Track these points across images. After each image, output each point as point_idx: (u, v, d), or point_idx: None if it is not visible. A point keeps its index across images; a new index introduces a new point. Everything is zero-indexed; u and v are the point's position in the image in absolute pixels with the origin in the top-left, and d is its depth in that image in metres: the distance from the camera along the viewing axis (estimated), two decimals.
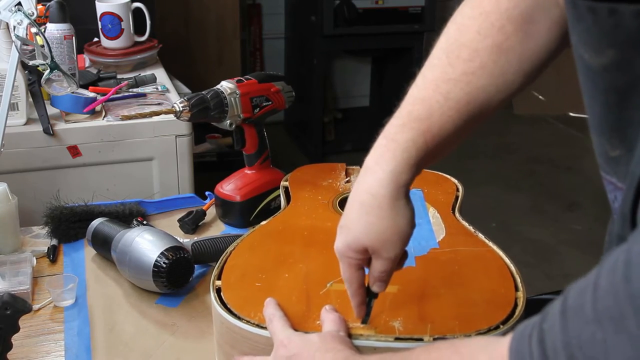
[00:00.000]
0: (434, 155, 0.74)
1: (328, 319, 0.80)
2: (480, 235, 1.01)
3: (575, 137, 4.03)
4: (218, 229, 1.24)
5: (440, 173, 1.21)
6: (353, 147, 3.69)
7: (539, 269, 2.67)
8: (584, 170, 3.65)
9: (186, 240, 1.09)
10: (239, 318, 0.83)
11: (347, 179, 1.23)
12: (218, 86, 1.16)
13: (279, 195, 1.26)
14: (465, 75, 0.73)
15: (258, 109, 1.19)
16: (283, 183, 1.23)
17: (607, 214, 0.68)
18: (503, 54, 0.73)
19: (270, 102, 1.21)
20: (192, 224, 1.22)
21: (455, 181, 1.20)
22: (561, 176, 3.57)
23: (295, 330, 0.79)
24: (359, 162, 1.31)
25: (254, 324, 0.82)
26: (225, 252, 0.97)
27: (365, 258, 0.76)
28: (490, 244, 0.98)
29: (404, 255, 0.77)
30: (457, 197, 1.14)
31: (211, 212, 1.26)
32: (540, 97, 4.23)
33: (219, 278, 0.91)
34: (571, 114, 4.26)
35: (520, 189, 3.41)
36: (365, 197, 0.73)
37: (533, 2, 0.72)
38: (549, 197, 3.34)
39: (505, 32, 0.72)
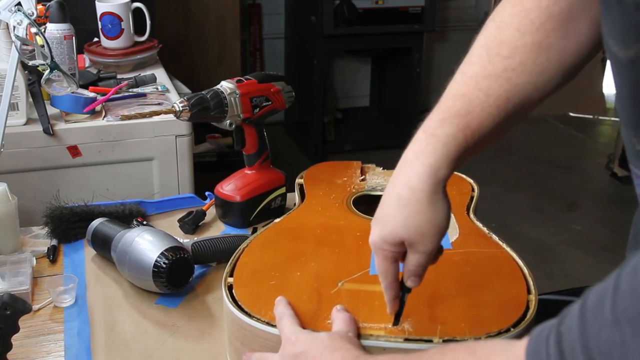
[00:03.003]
0: (472, 151, 0.74)
1: (338, 318, 0.80)
2: (494, 237, 1.00)
3: (575, 137, 4.03)
4: (218, 229, 1.24)
5: (455, 172, 1.21)
6: (353, 147, 3.69)
7: (539, 269, 2.67)
8: (584, 170, 3.65)
9: (186, 240, 1.09)
10: (249, 315, 0.83)
11: (362, 177, 1.23)
12: (218, 86, 1.16)
13: (279, 196, 1.26)
14: (505, 72, 0.73)
15: (258, 109, 1.19)
16: (298, 180, 1.23)
17: (607, 214, 0.68)
18: (543, 51, 0.73)
19: (270, 102, 1.21)
20: (192, 224, 1.22)
21: (471, 181, 1.19)
22: (561, 176, 3.57)
23: (305, 328, 0.79)
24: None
25: (264, 321, 0.82)
26: (238, 249, 0.97)
27: (400, 251, 0.76)
28: (504, 245, 0.97)
29: (439, 250, 0.77)
30: (472, 198, 1.14)
31: (211, 212, 1.26)
32: None
33: (231, 275, 0.91)
34: (571, 114, 4.26)
35: (520, 189, 3.41)
36: (403, 190, 0.73)
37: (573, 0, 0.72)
38: (549, 197, 3.34)
39: (546, 29, 0.72)
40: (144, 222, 1.18)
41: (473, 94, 0.74)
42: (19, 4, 1.13)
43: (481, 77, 0.74)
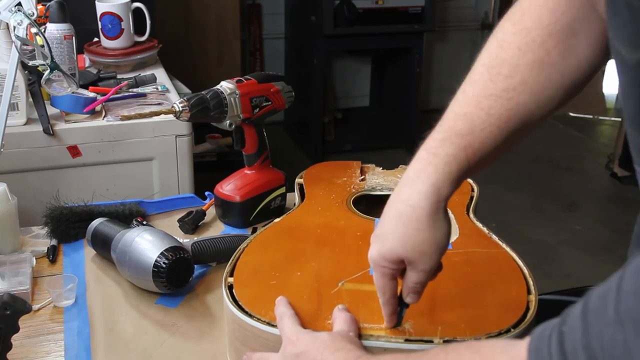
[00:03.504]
0: (474, 169, 0.74)
1: (339, 318, 0.80)
2: (494, 237, 1.00)
3: (575, 137, 4.03)
4: (218, 229, 1.24)
5: None
6: (353, 147, 3.69)
7: (539, 269, 2.67)
8: (584, 170, 3.65)
9: (186, 240, 1.09)
10: (250, 315, 0.83)
11: (362, 177, 1.23)
12: (218, 86, 1.16)
13: (278, 196, 1.26)
14: (506, 92, 0.73)
15: (258, 109, 1.19)
16: (298, 180, 1.23)
17: (607, 214, 0.68)
18: (544, 69, 0.73)
19: (270, 102, 1.21)
20: (192, 224, 1.22)
21: (471, 181, 1.19)
22: (561, 176, 3.57)
23: (306, 328, 0.79)
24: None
25: (264, 321, 0.82)
26: (238, 249, 0.97)
27: (399, 268, 0.76)
28: (504, 245, 0.97)
29: (439, 267, 0.77)
30: (472, 198, 1.14)
31: (211, 212, 1.26)
32: None
33: (231, 275, 0.91)
34: (571, 114, 4.26)
35: (520, 189, 3.41)
36: (403, 208, 0.73)
37: (575, 16, 0.72)
38: (549, 197, 3.34)
39: (547, 48, 0.73)
40: (144, 222, 1.18)
41: (474, 114, 0.74)
42: (19, 4, 1.13)
43: (482, 96, 0.74)
